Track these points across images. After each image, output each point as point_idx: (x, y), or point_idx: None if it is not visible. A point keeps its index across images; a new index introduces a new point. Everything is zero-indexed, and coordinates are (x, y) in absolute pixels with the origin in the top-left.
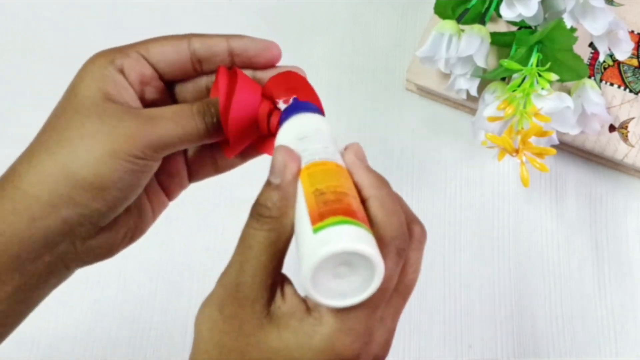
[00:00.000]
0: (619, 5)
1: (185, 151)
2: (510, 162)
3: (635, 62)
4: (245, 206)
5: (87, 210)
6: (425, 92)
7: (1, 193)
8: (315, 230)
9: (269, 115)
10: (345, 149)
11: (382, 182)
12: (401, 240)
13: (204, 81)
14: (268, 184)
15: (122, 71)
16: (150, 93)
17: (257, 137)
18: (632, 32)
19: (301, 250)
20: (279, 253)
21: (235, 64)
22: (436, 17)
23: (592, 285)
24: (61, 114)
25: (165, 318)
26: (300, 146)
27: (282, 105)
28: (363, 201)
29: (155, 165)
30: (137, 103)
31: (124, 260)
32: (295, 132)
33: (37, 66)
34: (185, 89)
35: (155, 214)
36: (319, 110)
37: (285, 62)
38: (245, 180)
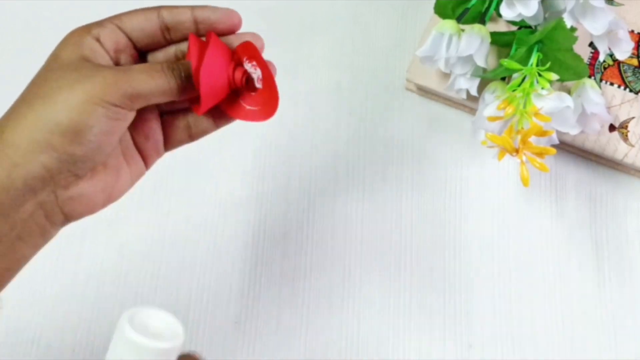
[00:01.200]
0: (619, 5)
1: (160, 115)
2: (510, 162)
3: (635, 61)
4: (243, 205)
5: (65, 155)
6: (425, 92)
7: None
8: None
9: (234, 71)
10: None
11: None
12: None
13: (172, 50)
14: None
15: (98, 40)
16: (125, 60)
17: (224, 98)
18: (632, 31)
19: None
20: None
21: (199, 31)
22: (436, 17)
23: (592, 285)
24: (42, 73)
25: None
26: None
27: (247, 64)
28: None
29: (130, 116)
30: None
31: (123, 258)
32: None
33: (37, 66)
34: (156, 58)
35: (132, 178)
36: None
37: (286, 62)
38: (243, 181)
